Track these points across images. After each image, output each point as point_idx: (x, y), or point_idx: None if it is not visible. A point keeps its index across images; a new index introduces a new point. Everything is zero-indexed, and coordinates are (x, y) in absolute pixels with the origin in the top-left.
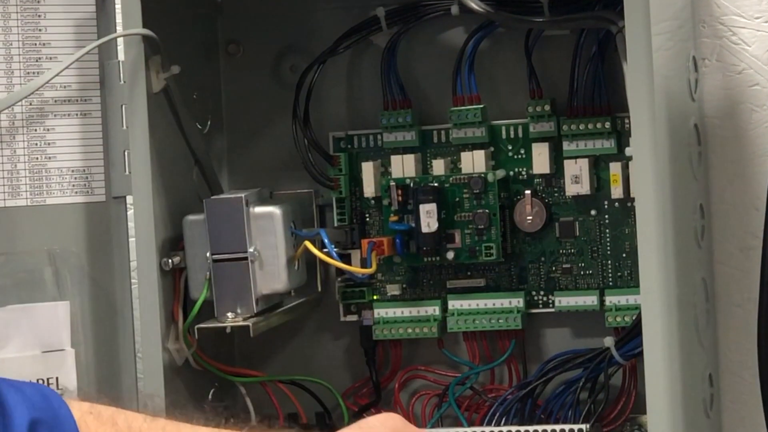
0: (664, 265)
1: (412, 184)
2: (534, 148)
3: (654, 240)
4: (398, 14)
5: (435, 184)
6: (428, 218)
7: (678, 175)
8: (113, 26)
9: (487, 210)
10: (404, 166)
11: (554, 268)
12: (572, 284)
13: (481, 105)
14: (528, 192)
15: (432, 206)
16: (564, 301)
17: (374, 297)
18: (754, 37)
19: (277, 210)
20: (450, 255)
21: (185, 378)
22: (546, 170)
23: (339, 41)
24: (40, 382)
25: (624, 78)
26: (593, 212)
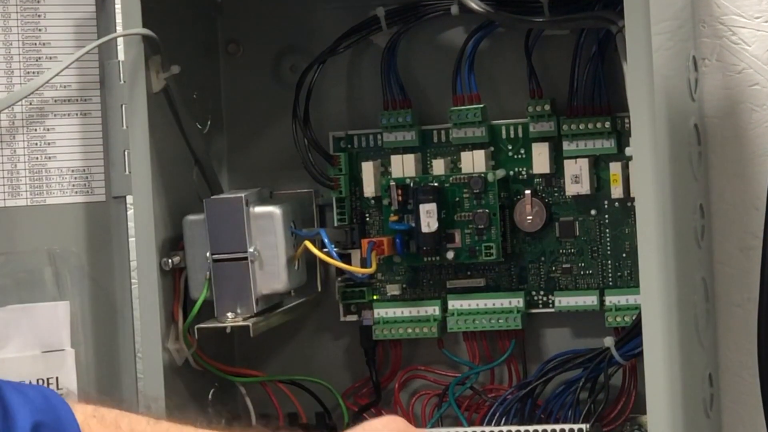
0: (664, 265)
1: (412, 184)
2: (534, 148)
3: (654, 240)
4: (398, 14)
5: (435, 184)
6: (428, 218)
7: (678, 175)
8: (113, 26)
9: (487, 210)
10: (404, 166)
11: (554, 268)
12: (572, 284)
13: (481, 105)
14: (528, 192)
15: (432, 206)
16: (564, 301)
17: (374, 297)
18: (754, 37)
19: (277, 210)
20: (450, 255)
21: (185, 378)
22: (546, 170)
23: (339, 41)
24: (40, 382)
25: (624, 78)
26: (593, 212)
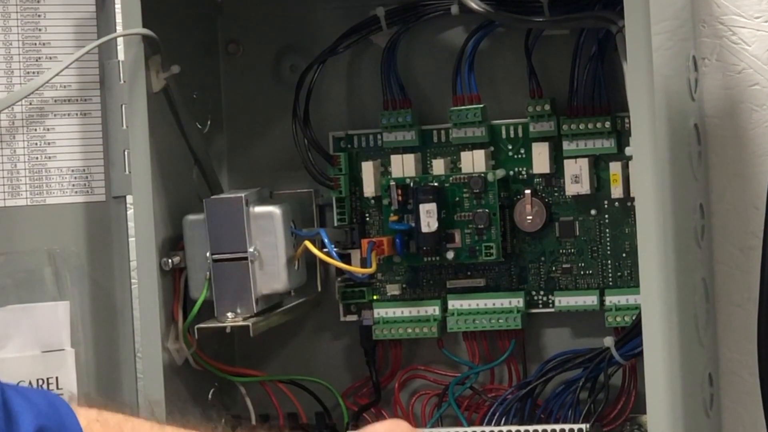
0: (664, 265)
1: (412, 184)
2: (534, 148)
3: (654, 240)
4: (398, 14)
5: (435, 184)
6: (428, 218)
7: (678, 175)
8: (113, 26)
9: (487, 210)
10: (404, 166)
11: (554, 268)
12: (572, 284)
13: (481, 105)
14: (528, 192)
15: (432, 206)
16: (564, 301)
17: (374, 297)
18: (754, 37)
19: (277, 210)
20: (450, 255)
21: (185, 378)
22: (546, 170)
23: (339, 41)
24: (40, 382)
25: (624, 78)
26: (593, 212)
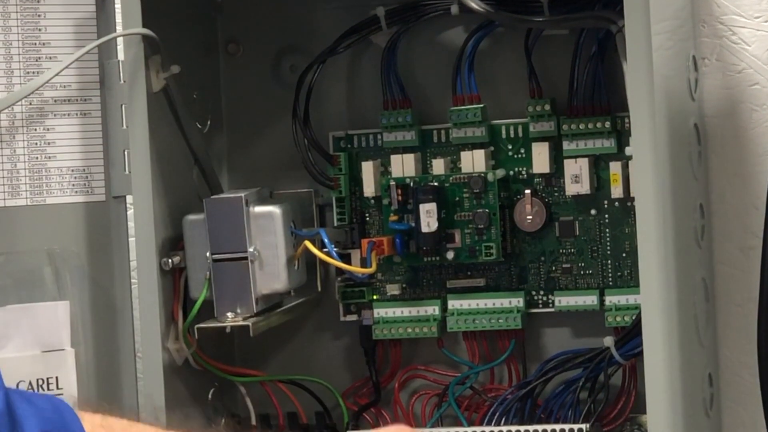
0: (664, 265)
1: (412, 184)
2: (534, 148)
3: (654, 240)
4: (398, 14)
5: (435, 184)
6: (428, 218)
7: (678, 175)
8: (113, 26)
9: (487, 209)
10: (404, 166)
11: (554, 268)
12: (572, 284)
13: (481, 104)
14: (528, 191)
15: (432, 206)
16: (564, 301)
17: (374, 297)
18: (754, 37)
19: (277, 210)
20: (450, 255)
21: (185, 378)
22: (546, 170)
23: (339, 41)
24: (40, 382)
25: (624, 77)
26: (593, 212)
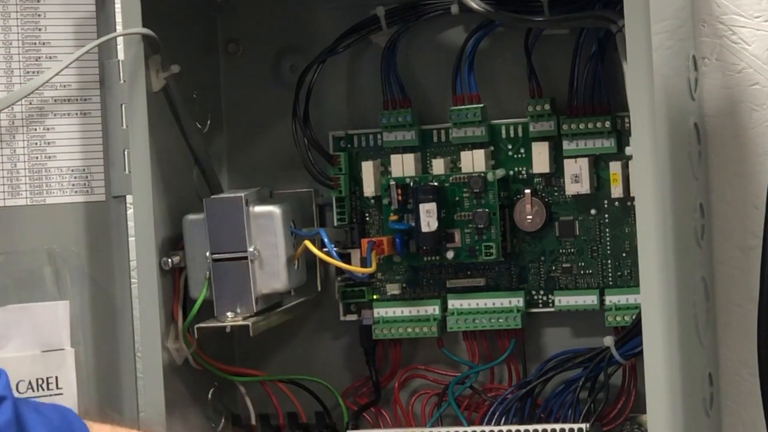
0: (664, 265)
1: (412, 184)
2: (534, 148)
3: (654, 239)
4: (398, 13)
5: (435, 184)
6: (428, 217)
7: (678, 175)
8: (113, 25)
9: (487, 209)
10: (404, 166)
11: (554, 268)
12: (572, 284)
13: (481, 104)
14: (528, 191)
15: (432, 205)
16: (564, 301)
17: (374, 296)
18: (754, 37)
19: (277, 209)
20: (450, 254)
21: (185, 377)
22: (546, 169)
23: (339, 41)
24: (40, 382)
25: (624, 77)
26: (593, 211)
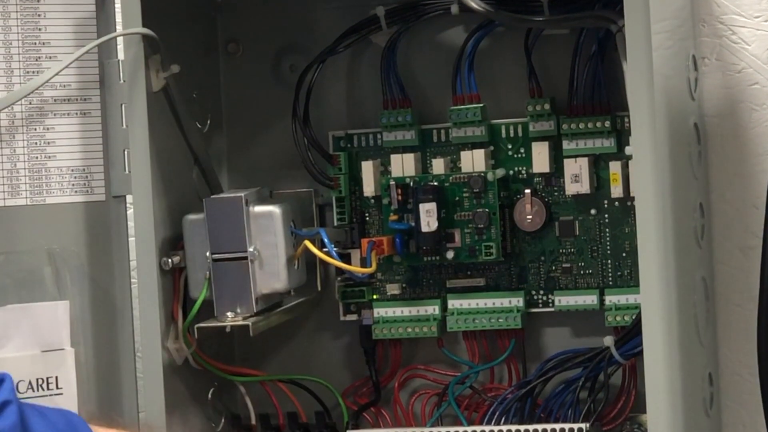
0: (664, 265)
1: (412, 183)
2: (534, 147)
3: (654, 239)
4: (398, 13)
5: (435, 184)
6: (428, 217)
7: (678, 174)
8: (113, 25)
9: (487, 209)
10: (404, 166)
11: (554, 268)
12: (572, 283)
13: (481, 104)
14: (528, 191)
15: (432, 205)
16: (564, 301)
17: (374, 296)
18: (754, 36)
19: (277, 209)
20: (450, 254)
21: (185, 377)
22: (546, 169)
23: (339, 40)
24: (40, 382)
25: (624, 77)
26: (593, 211)
